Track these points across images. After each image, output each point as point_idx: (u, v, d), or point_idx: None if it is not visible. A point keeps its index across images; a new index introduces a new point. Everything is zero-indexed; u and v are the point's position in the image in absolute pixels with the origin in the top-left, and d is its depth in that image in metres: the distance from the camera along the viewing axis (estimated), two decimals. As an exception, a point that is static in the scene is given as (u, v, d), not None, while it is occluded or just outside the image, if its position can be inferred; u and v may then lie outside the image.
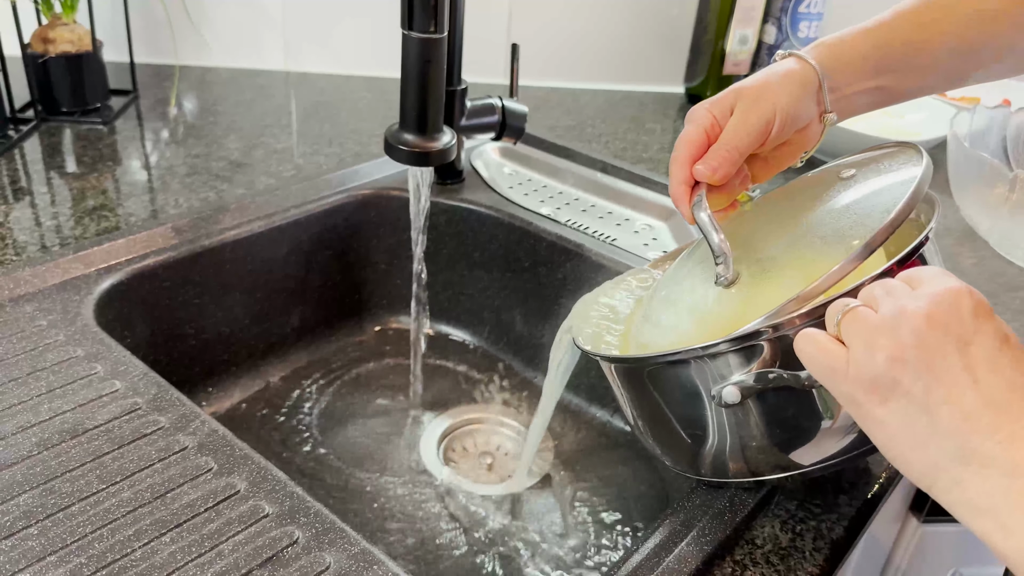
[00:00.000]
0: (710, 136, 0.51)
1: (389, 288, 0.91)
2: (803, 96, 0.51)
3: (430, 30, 0.59)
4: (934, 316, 0.35)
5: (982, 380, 0.34)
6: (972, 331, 0.35)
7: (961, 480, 0.34)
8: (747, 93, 0.51)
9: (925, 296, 0.36)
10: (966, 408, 0.34)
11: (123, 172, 0.86)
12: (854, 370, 0.36)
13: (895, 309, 0.36)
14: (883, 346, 0.35)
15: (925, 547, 0.83)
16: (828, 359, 0.38)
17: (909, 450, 0.35)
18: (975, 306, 0.35)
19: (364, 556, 0.45)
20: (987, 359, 0.34)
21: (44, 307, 0.62)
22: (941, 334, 0.35)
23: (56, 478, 0.48)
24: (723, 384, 0.44)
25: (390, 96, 1.13)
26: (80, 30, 0.95)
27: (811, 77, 0.52)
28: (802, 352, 0.39)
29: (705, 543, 0.48)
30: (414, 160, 0.64)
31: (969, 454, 0.33)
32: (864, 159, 0.55)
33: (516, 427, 0.81)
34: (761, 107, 0.50)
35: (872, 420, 0.36)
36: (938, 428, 0.34)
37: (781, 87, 0.51)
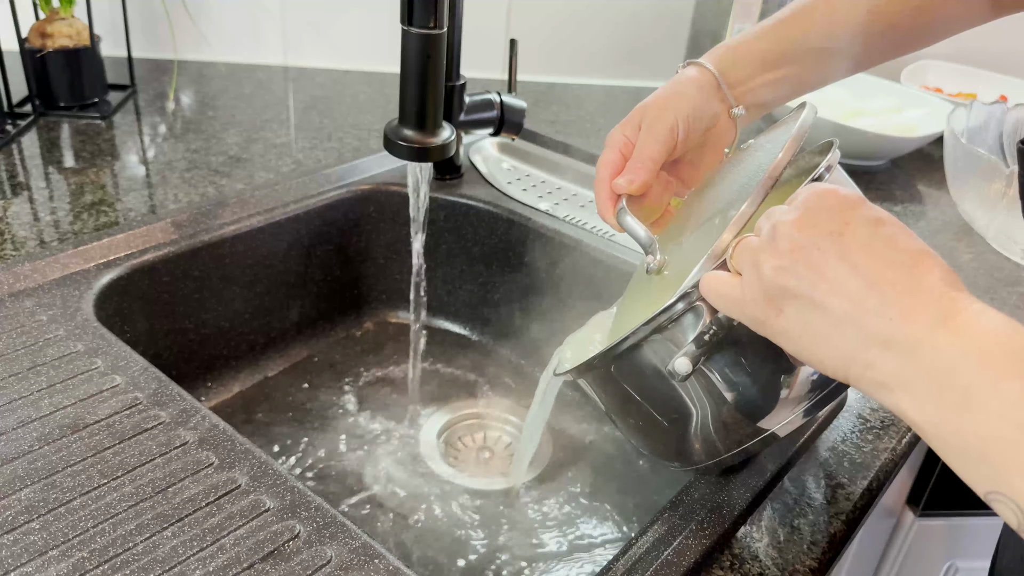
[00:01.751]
0: (625, 155, 0.55)
1: (388, 283, 0.91)
2: (703, 98, 0.56)
3: (430, 26, 0.59)
4: (802, 218, 0.37)
5: (861, 264, 0.35)
6: (842, 222, 0.36)
7: (870, 363, 0.34)
8: (650, 108, 0.55)
9: (795, 206, 0.38)
10: (852, 295, 0.35)
11: (122, 167, 0.86)
12: (748, 292, 0.38)
13: (771, 226, 0.38)
14: (765, 260, 0.37)
15: (921, 541, 0.83)
16: (728, 290, 0.39)
17: (817, 349, 0.36)
18: (842, 198, 0.37)
19: (365, 550, 0.45)
20: (862, 244, 0.35)
21: (44, 302, 0.62)
22: (812, 232, 0.36)
23: (57, 473, 0.48)
24: (673, 359, 0.44)
25: (389, 91, 1.13)
26: (78, 24, 0.95)
27: (708, 79, 0.56)
28: (708, 293, 0.41)
29: (704, 537, 0.48)
30: (414, 156, 0.65)
31: (869, 338, 0.34)
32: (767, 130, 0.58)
33: (515, 422, 0.81)
34: (664, 117, 0.54)
35: (778, 333, 0.38)
36: (833, 320, 0.35)
37: (680, 95, 0.55)
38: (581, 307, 0.81)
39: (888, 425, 0.61)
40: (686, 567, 0.46)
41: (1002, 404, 0.30)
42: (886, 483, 0.57)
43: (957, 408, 0.31)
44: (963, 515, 0.83)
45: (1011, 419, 0.29)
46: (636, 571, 0.46)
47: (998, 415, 0.30)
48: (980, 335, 0.32)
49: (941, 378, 0.32)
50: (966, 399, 0.31)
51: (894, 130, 1.03)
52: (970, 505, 0.82)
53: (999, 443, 0.30)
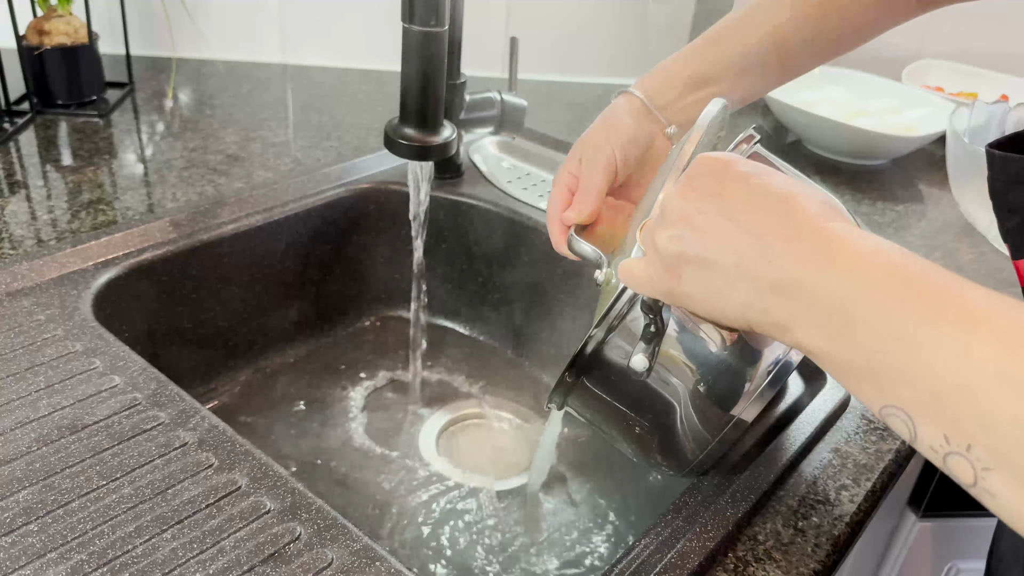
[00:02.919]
0: (572, 190, 0.58)
1: (388, 282, 0.90)
2: (635, 124, 0.59)
3: (431, 24, 0.59)
4: (684, 187, 0.39)
5: (740, 218, 0.37)
6: (718, 184, 0.38)
7: (766, 309, 0.36)
8: (588, 143, 0.59)
9: (680, 179, 0.40)
10: (737, 248, 0.36)
11: (120, 165, 0.85)
12: (651, 268, 0.40)
13: (664, 201, 0.40)
14: (659, 234, 0.39)
15: (922, 541, 0.83)
16: (638, 271, 0.42)
17: (718, 304, 0.38)
18: (717, 160, 0.39)
19: (366, 552, 0.44)
20: (740, 199, 0.37)
21: (42, 301, 0.62)
22: (695, 197, 0.38)
23: (56, 474, 0.47)
24: (630, 358, 0.46)
25: (388, 89, 1.12)
26: (76, 22, 0.94)
27: (637, 105, 0.60)
28: (624, 280, 0.43)
29: (707, 539, 0.48)
30: (415, 154, 0.64)
31: (760, 285, 0.36)
32: None
33: (515, 422, 0.81)
34: (601, 149, 0.58)
35: (683, 298, 0.40)
36: (726, 275, 0.37)
37: (614, 125, 0.59)
38: (581, 306, 0.81)
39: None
40: (689, 570, 0.46)
41: (886, 322, 0.31)
42: (890, 485, 0.57)
43: (845, 333, 0.33)
44: (964, 516, 0.83)
45: (894, 334, 0.31)
46: (639, 574, 0.46)
47: (883, 333, 0.31)
48: (858, 262, 0.33)
49: (829, 310, 0.33)
50: (852, 324, 0.32)
51: (895, 130, 1.03)
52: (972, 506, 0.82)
53: (885, 357, 0.31)
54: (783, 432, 0.58)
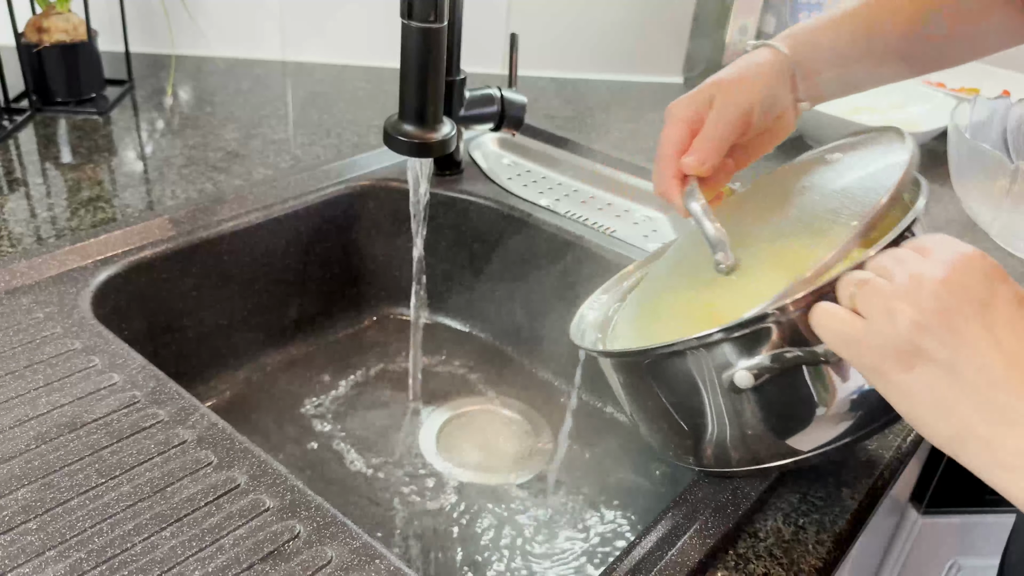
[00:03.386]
0: (693, 131, 0.52)
1: (388, 279, 0.90)
2: (778, 86, 0.53)
3: (430, 19, 0.59)
4: (952, 280, 0.35)
5: (1004, 341, 0.34)
6: (990, 294, 0.35)
7: (991, 441, 0.33)
8: (725, 85, 0.52)
9: (940, 261, 0.36)
10: (991, 369, 0.34)
11: (119, 163, 0.85)
12: (876, 339, 0.36)
13: (911, 276, 0.36)
14: (903, 312, 0.35)
15: (925, 538, 0.83)
16: (849, 330, 0.38)
17: (936, 416, 0.35)
18: (990, 269, 0.36)
19: (366, 550, 0.44)
20: (1007, 321, 0.34)
21: (41, 299, 0.62)
22: (960, 297, 0.35)
23: (54, 472, 0.47)
24: (734, 369, 0.43)
25: (388, 86, 1.12)
26: (75, 19, 0.94)
27: (784, 67, 0.54)
28: (820, 326, 0.39)
29: (708, 536, 0.48)
30: (414, 151, 0.64)
31: (997, 414, 0.33)
32: (848, 143, 0.57)
33: (515, 418, 0.81)
34: (740, 98, 0.51)
35: (896, 388, 0.36)
36: (964, 391, 0.34)
37: (757, 77, 0.52)
38: (582, 303, 0.80)
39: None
40: (690, 567, 0.46)
41: None
42: (891, 481, 0.57)
43: None
44: (967, 513, 0.82)
45: None
46: (640, 571, 0.46)
47: None
48: None
49: None
50: None
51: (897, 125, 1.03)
52: (974, 503, 0.82)
53: None
54: (784, 429, 0.57)
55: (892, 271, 0.37)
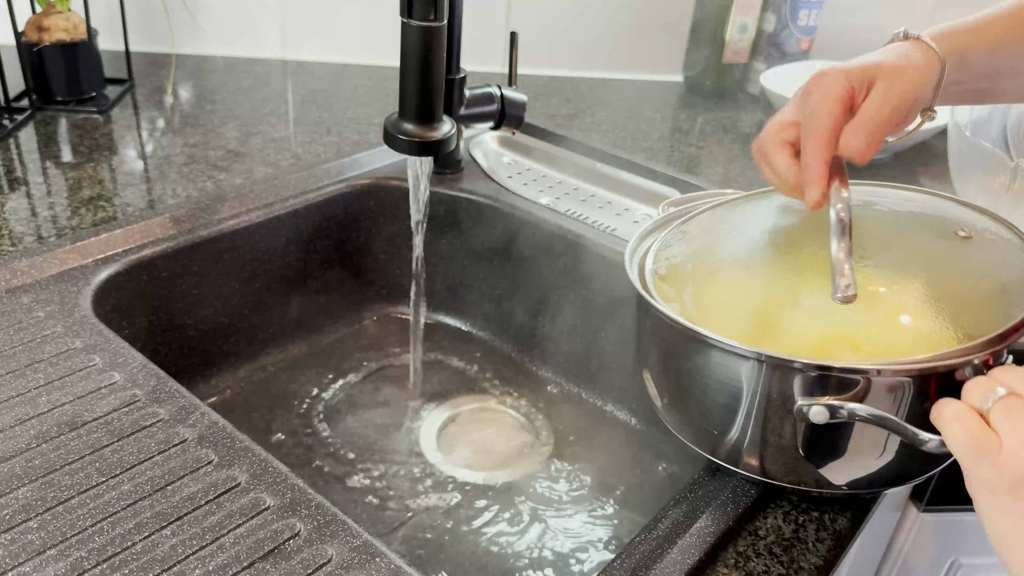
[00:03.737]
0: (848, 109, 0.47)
1: (388, 278, 0.90)
2: (928, 88, 0.49)
3: (430, 18, 0.59)
4: None
5: None
6: None
7: None
8: (888, 70, 0.47)
9: None
10: None
11: (120, 162, 0.85)
12: (1009, 461, 0.36)
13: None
14: None
15: (925, 536, 0.83)
16: (980, 443, 0.37)
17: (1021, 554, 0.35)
18: None
19: (366, 548, 0.44)
20: None
21: (41, 298, 0.62)
22: None
23: (55, 471, 0.47)
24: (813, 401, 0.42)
25: (388, 84, 1.12)
26: (75, 18, 0.94)
27: (936, 71, 0.49)
28: (947, 426, 0.39)
29: (708, 534, 0.48)
30: (414, 150, 0.64)
31: None
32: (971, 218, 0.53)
33: (515, 416, 0.81)
34: (907, 87, 0.47)
35: (1002, 513, 0.36)
36: None
37: (920, 73, 0.48)
38: (582, 302, 0.80)
39: (893, 421, 0.61)
40: (691, 565, 0.46)
41: None
42: (891, 479, 0.57)
43: None
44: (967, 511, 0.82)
45: None
46: (641, 569, 0.46)
47: None
48: None
49: None
50: None
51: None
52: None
53: None
54: (784, 427, 0.57)
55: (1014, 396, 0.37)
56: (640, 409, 0.79)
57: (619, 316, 0.78)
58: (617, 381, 0.80)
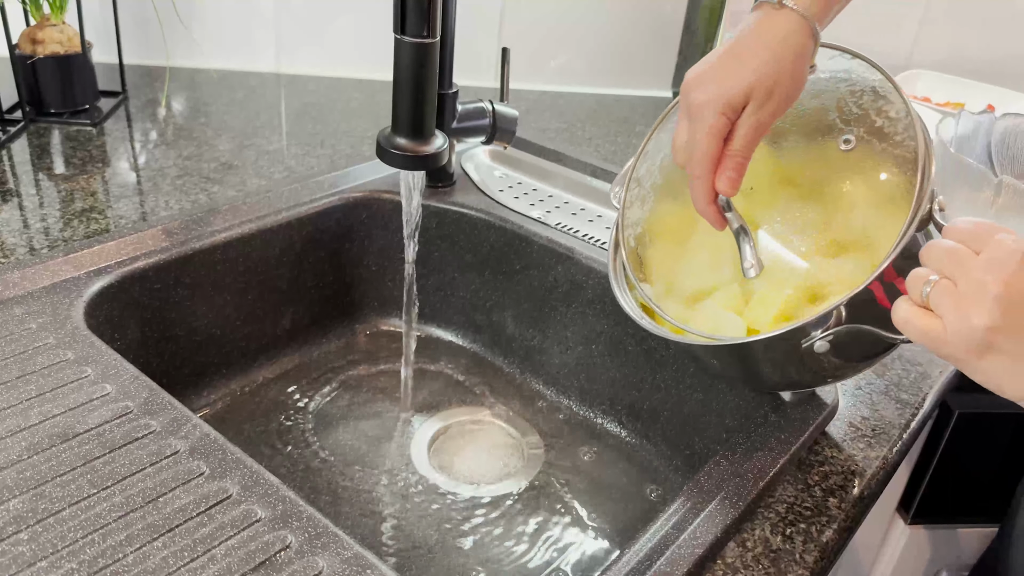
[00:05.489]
0: (724, 139, 0.51)
1: (380, 290, 0.91)
2: (806, 67, 0.52)
3: (423, 35, 0.59)
4: (1012, 284, 0.40)
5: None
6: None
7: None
8: (759, 91, 0.50)
9: (996, 265, 0.41)
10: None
11: (112, 174, 0.85)
12: (954, 338, 0.42)
13: (975, 282, 0.41)
14: (976, 316, 0.41)
15: (912, 548, 0.84)
16: (930, 331, 0.43)
17: (1007, 385, 0.42)
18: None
19: (357, 560, 0.45)
20: None
21: (34, 309, 0.62)
22: (1020, 299, 0.40)
23: (47, 482, 0.47)
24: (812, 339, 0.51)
25: (381, 98, 1.13)
26: (69, 31, 0.95)
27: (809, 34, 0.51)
28: (904, 326, 0.45)
29: (696, 545, 0.48)
30: (407, 164, 0.65)
31: None
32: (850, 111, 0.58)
33: (506, 429, 0.81)
34: (774, 104, 0.50)
35: (972, 370, 0.43)
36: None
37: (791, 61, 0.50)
38: (572, 314, 0.81)
39: (879, 433, 0.61)
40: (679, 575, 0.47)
41: None
42: (878, 491, 0.57)
43: None
44: (954, 524, 0.83)
45: None
46: (629, 580, 0.46)
47: None
48: None
49: None
50: None
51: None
52: (961, 514, 0.82)
53: None
54: (771, 439, 0.58)
55: (954, 273, 0.43)
56: (630, 421, 0.79)
57: (608, 327, 0.78)
58: (607, 392, 0.81)
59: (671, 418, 0.75)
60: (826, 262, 0.55)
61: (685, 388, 0.73)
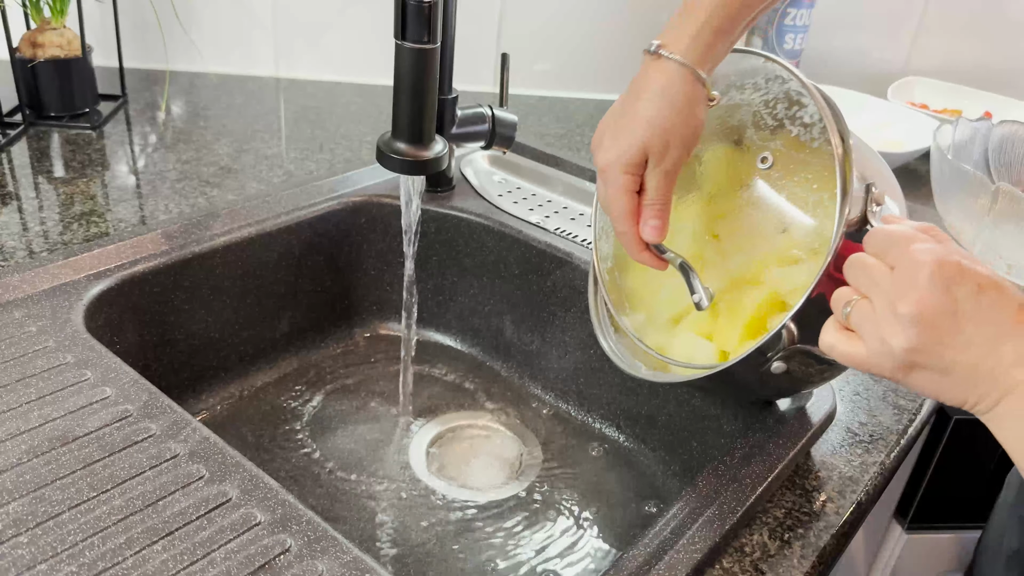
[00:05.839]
0: (636, 191, 0.54)
1: (379, 294, 0.91)
2: (701, 109, 0.53)
3: (423, 40, 0.60)
4: (924, 301, 0.40)
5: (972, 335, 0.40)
6: (953, 301, 0.40)
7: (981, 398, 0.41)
8: (655, 146, 0.52)
9: (907, 283, 0.41)
10: (971, 361, 0.40)
11: (112, 177, 0.86)
12: (876, 360, 0.43)
13: (889, 304, 0.41)
14: (893, 338, 0.41)
15: (908, 554, 0.84)
16: (853, 355, 0.44)
17: (943, 396, 0.42)
18: (948, 276, 0.40)
19: (356, 564, 0.45)
20: (971, 317, 0.40)
21: (33, 313, 0.62)
22: (933, 321, 0.40)
23: (46, 486, 0.47)
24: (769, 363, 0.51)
25: (380, 102, 1.13)
26: (69, 35, 0.95)
27: (699, 84, 0.52)
28: (829, 352, 0.45)
29: (694, 551, 0.49)
30: (407, 169, 0.65)
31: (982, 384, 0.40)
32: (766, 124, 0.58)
33: (505, 433, 0.81)
34: (675, 153, 0.52)
35: (905, 384, 0.44)
36: (956, 380, 0.41)
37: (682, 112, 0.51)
38: (571, 319, 0.81)
39: (877, 439, 0.62)
40: (677, 581, 0.47)
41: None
42: (876, 497, 0.57)
43: None
44: (951, 529, 0.83)
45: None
46: (627, 585, 0.46)
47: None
48: None
49: None
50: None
51: (881, 145, 1.04)
52: (958, 519, 0.83)
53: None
54: (769, 444, 0.58)
55: (870, 292, 0.43)
56: (628, 426, 0.80)
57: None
58: (605, 397, 0.81)
59: (669, 423, 0.75)
60: (783, 271, 0.55)
61: (683, 393, 0.73)
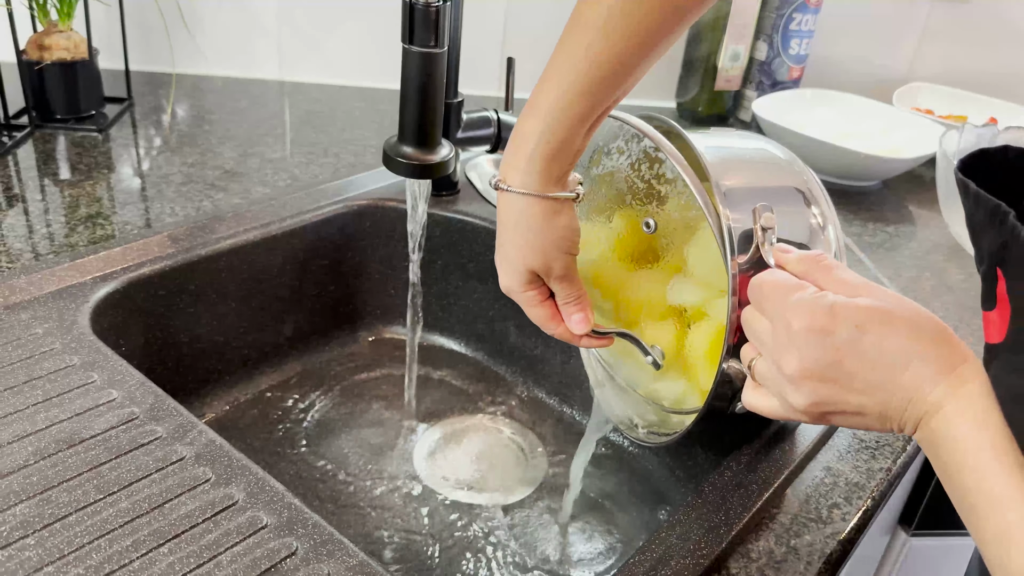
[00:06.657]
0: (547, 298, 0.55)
1: (383, 298, 0.91)
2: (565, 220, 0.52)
3: (431, 45, 0.60)
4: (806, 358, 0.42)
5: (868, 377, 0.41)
6: (834, 350, 0.41)
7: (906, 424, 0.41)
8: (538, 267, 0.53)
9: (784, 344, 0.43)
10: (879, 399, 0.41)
11: (118, 180, 0.86)
12: (790, 414, 0.45)
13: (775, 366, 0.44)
14: (793, 397, 0.43)
15: (914, 560, 0.84)
16: (770, 411, 0.47)
17: (867, 428, 0.44)
18: (820, 330, 0.41)
19: (362, 568, 0.45)
20: (860, 361, 0.41)
21: (39, 315, 0.62)
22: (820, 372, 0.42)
23: (53, 488, 0.47)
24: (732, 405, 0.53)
25: (384, 106, 1.13)
26: (76, 37, 0.95)
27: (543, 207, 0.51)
28: (751, 408, 0.48)
29: (701, 556, 0.49)
30: (414, 173, 0.65)
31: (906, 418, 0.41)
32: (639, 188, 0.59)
33: (509, 437, 0.81)
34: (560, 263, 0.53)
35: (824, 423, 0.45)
36: (873, 417, 0.42)
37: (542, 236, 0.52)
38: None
39: (883, 445, 0.61)
40: (683, 586, 0.47)
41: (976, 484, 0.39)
42: (881, 503, 0.57)
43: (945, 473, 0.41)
44: (955, 535, 0.83)
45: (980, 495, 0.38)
46: (634, 590, 0.46)
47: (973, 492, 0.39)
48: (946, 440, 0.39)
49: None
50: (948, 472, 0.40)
51: (886, 151, 1.05)
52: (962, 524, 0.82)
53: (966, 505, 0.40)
54: (775, 450, 0.58)
55: (761, 350, 0.45)
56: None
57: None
58: (610, 403, 0.81)
59: (674, 428, 0.75)
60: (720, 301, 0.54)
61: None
